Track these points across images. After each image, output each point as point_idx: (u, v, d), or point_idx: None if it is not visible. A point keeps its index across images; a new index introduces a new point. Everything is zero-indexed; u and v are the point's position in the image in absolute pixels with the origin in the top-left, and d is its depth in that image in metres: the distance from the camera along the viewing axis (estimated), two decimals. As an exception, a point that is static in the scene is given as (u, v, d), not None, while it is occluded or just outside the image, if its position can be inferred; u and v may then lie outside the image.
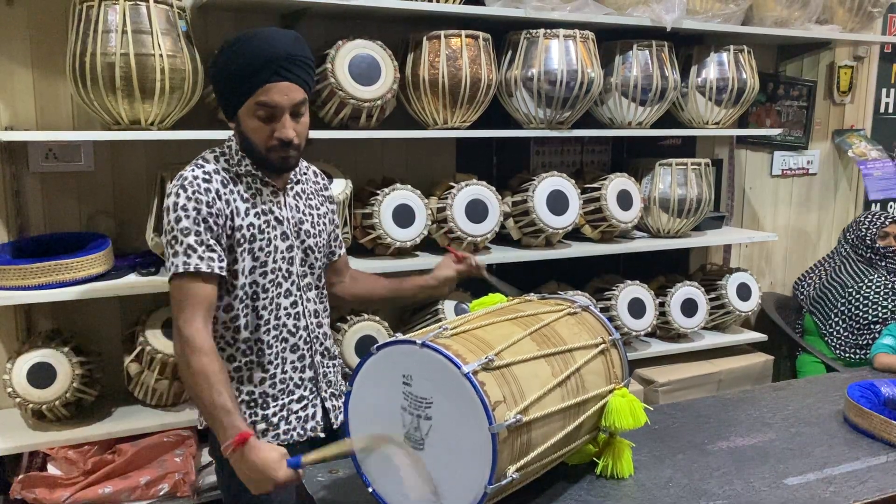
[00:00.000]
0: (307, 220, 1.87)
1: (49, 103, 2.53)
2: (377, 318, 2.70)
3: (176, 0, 2.32)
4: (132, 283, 2.43)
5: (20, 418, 2.48)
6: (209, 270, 1.66)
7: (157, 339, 2.44)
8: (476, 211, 2.77)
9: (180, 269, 1.65)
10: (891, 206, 4.34)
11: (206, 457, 2.56)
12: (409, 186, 2.70)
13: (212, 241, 1.68)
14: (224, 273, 1.70)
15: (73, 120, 2.57)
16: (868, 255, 3.59)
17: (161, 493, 2.42)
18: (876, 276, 3.54)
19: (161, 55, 2.23)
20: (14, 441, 2.35)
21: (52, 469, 2.37)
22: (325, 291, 1.96)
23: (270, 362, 1.81)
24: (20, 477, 2.32)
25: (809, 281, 3.86)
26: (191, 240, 1.66)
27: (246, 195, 1.76)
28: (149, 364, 2.46)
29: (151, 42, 2.23)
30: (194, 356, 1.61)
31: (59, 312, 2.61)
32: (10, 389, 2.32)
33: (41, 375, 2.32)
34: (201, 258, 1.66)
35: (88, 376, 2.44)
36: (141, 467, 2.43)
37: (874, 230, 3.58)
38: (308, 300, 1.87)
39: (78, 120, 2.57)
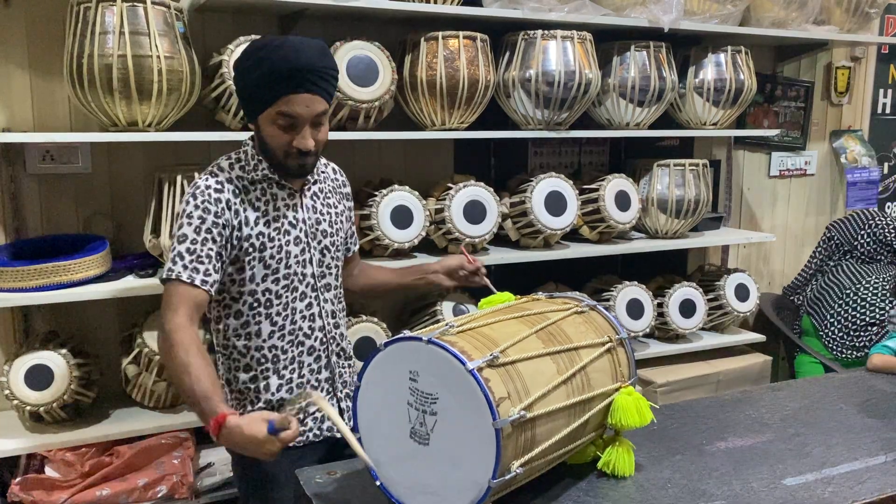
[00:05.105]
0: (325, 220, 1.88)
1: (46, 105, 2.52)
2: (375, 320, 2.70)
3: (173, 1, 2.31)
4: (130, 284, 2.42)
5: (18, 420, 2.47)
6: (189, 281, 1.67)
7: (154, 341, 2.42)
8: (474, 212, 2.77)
9: (164, 275, 1.70)
10: (888, 207, 4.34)
11: (204, 458, 2.56)
12: (408, 187, 2.70)
13: (203, 254, 1.69)
14: (208, 288, 1.70)
15: (71, 121, 2.56)
16: (886, 257, 3.61)
17: (159, 496, 2.41)
18: (873, 277, 3.54)
19: (158, 56, 2.23)
20: (11, 443, 2.34)
21: (49, 471, 2.36)
22: (342, 291, 1.96)
23: (286, 367, 1.82)
24: (18, 479, 2.31)
25: (800, 288, 3.87)
26: (183, 248, 1.68)
27: (258, 203, 1.77)
28: (147, 366, 2.46)
29: (149, 43, 2.23)
30: (174, 349, 1.62)
31: (56, 314, 2.60)
32: (7, 391, 2.31)
33: (38, 377, 2.32)
34: (185, 267, 1.68)
35: (86, 378, 2.44)
36: (139, 469, 2.43)
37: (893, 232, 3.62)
38: (325, 301, 1.88)
39: (75, 121, 2.56)
